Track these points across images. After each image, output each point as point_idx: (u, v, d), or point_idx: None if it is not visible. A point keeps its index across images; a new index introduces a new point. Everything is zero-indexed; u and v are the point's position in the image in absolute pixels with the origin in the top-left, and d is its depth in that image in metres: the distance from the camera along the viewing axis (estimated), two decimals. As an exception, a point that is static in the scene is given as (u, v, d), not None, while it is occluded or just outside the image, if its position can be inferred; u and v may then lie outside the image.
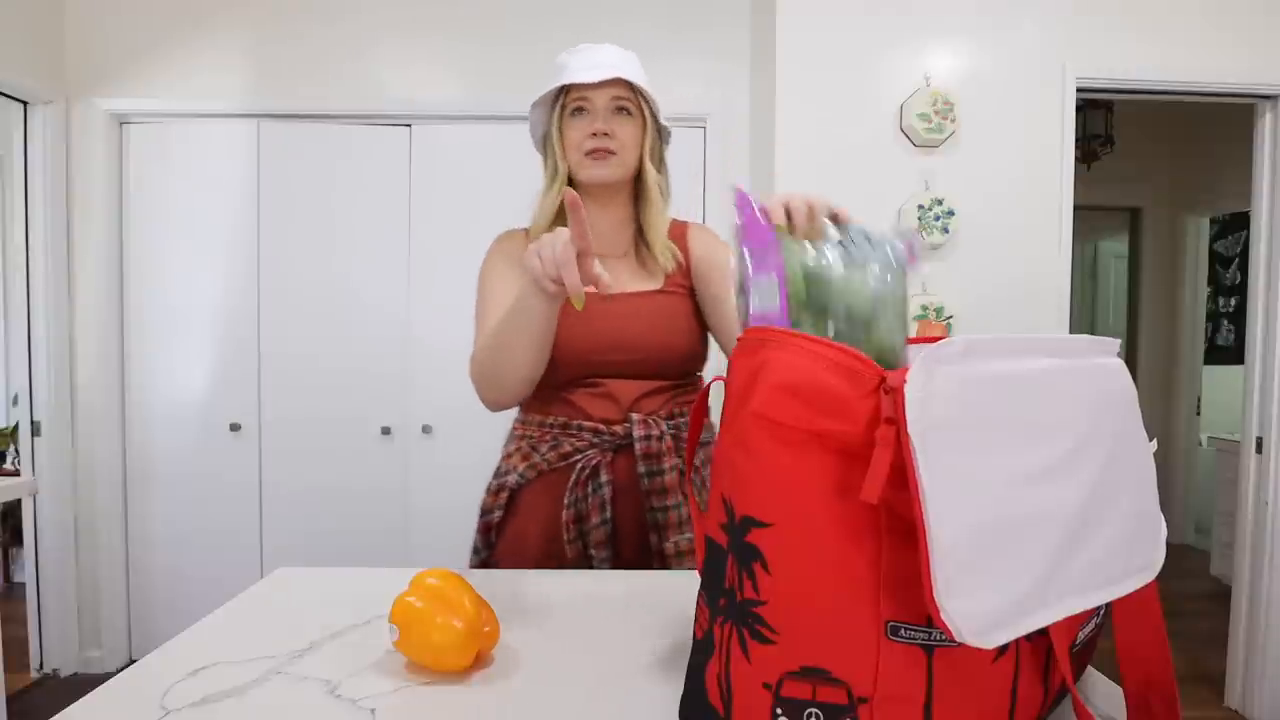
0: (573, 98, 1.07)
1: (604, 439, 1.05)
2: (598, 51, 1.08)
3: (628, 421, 1.05)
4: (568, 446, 1.06)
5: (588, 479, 1.04)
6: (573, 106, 1.07)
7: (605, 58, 1.07)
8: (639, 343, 1.06)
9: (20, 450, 2.69)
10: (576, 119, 1.07)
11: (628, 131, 1.08)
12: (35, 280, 2.52)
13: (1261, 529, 2.43)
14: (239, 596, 0.84)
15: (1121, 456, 0.50)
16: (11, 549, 3.52)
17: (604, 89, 1.06)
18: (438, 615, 0.63)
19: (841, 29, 2.25)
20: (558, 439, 1.07)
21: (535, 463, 1.07)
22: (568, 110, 1.08)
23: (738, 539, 0.48)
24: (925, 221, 2.22)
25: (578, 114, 1.07)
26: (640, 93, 1.08)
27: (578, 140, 1.07)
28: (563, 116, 1.08)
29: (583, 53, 1.08)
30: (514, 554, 1.07)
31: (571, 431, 1.06)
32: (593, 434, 1.05)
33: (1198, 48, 2.33)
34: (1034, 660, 0.48)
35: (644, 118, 1.09)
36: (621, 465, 1.05)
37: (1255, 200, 2.50)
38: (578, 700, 0.60)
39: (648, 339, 1.06)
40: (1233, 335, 4.35)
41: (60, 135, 2.54)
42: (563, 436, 1.07)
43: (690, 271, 1.13)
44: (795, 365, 0.47)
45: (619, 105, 1.07)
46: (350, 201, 2.61)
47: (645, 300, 1.09)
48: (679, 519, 1.03)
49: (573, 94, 1.07)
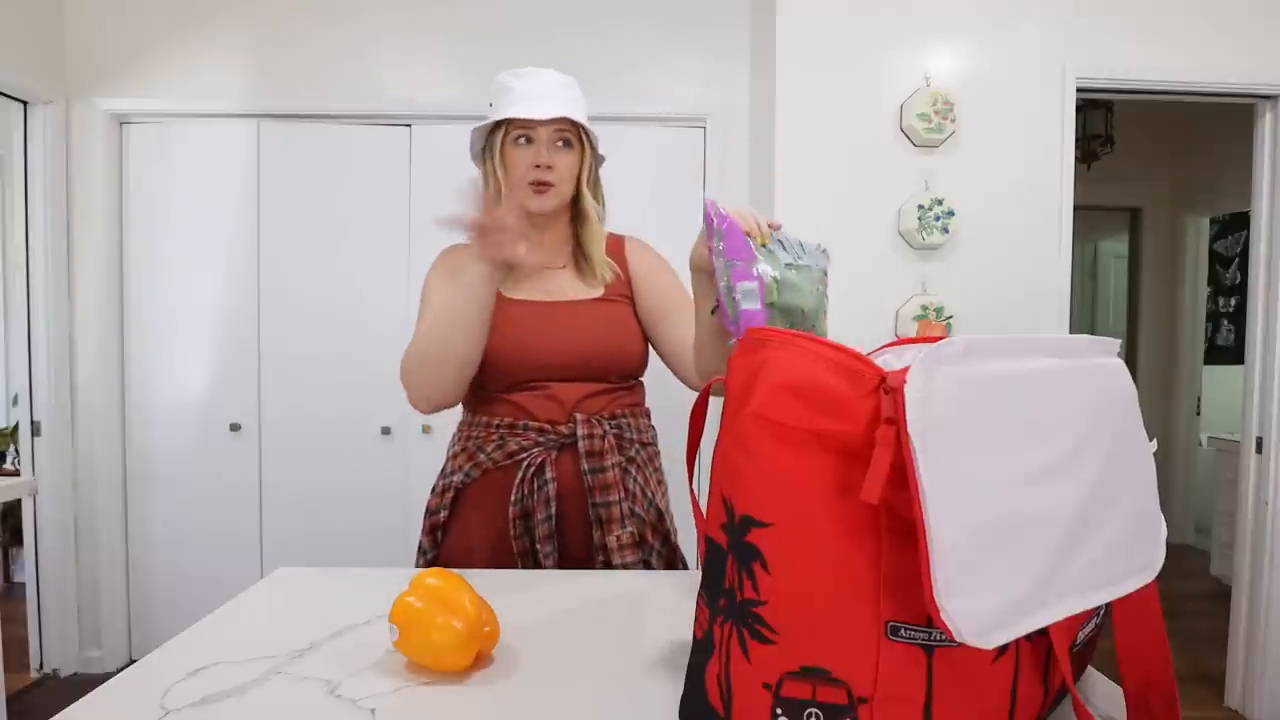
0: (516, 126, 1.11)
1: (549, 438, 1.09)
2: (542, 79, 1.12)
3: (571, 421, 1.09)
4: (513, 445, 1.09)
5: (533, 476, 1.07)
6: (516, 134, 1.11)
7: (550, 88, 1.11)
8: (583, 347, 1.11)
9: (20, 450, 2.69)
10: (519, 147, 1.11)
11: (567, 163, 1.13)
12: (35, 280, 2.52)
13: (1261, 529, 2.43)
14: (239, 596, 0.84)
15: (1121, 456, 0.50)
16: (11, 549, 3.52)
17: (549, 123, 1.10)
18: (438, 615, 0.63)
19: (841, 29, 2.25)
20: (504, 438, 1.10)
21: (480, 461, 1.10)
22: (510, 136, 1.11)
23: (738, 539, 0.48)
24: (925, 221, 2.22)
25: (521, 142, 1.11)
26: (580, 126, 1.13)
27: (520, 168, 1.11)
28: (504, 142, 1.12)
29: (527, 78, 1.12)
30: (461, 552, 1.10)
31: (518, 431, 1.10)
32: (538, 433, 1.09)
33: (1198, 48, 2.33)
34: (1034, 660, 0.48)
35: (583, 148, 1.14)
36: (565, 463, 1.09)
37: (1255, 200, 2.49)
38: (577, 700, 0.60)
39: (592, 344, 1.11)
40: (1233, 335, 4.35)
41: (60, 135, 2.53)
42: (509, 436, 1.10)
43: (631, 284, 1.19)
44: (795, 365, 0.47)
45: (561, 138, 1.12)
46: (350, 201, 2.61)
47: (588, 307, 1.15)
48: (620, 514, 1.07)
49: (516, 123, 1.11)
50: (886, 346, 0.62)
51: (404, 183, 2.60)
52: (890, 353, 0.60)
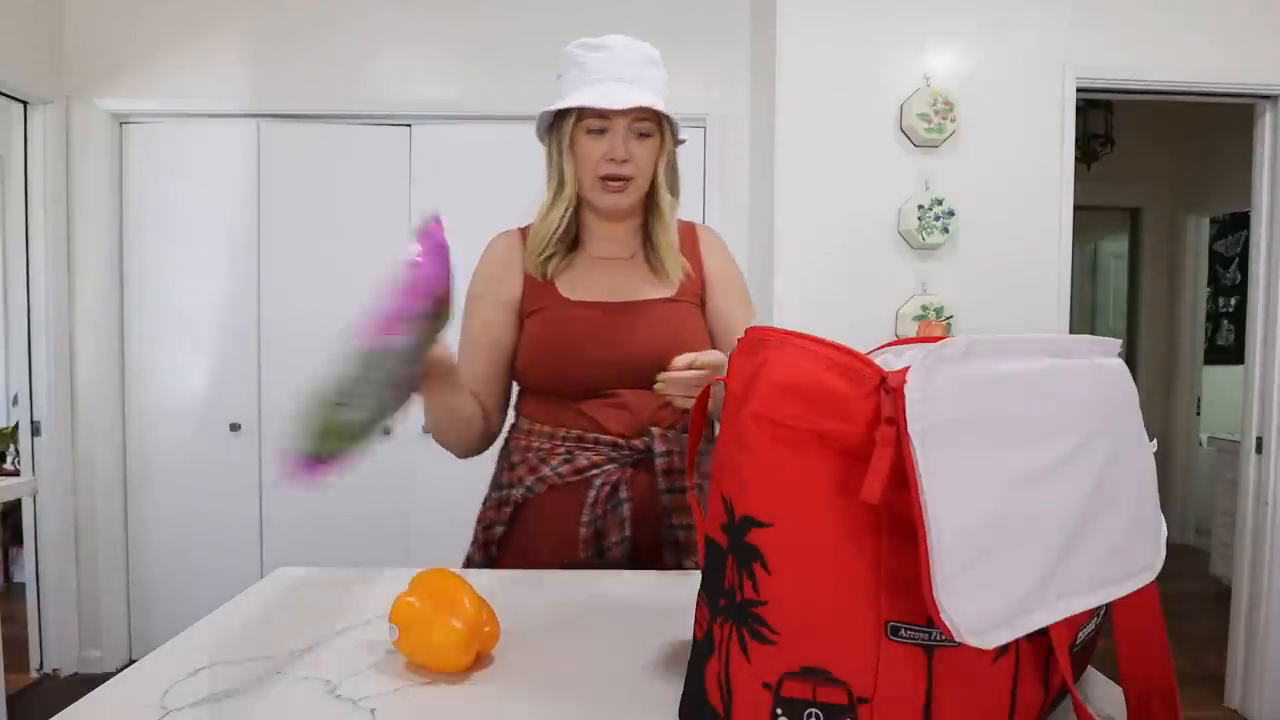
0: (590, 115, 0.98)
1: (622, 454, 1.01)
2: (622, 54, 0.99)
3: (646, 436, 1.01)
4: (583, 461, 1.01)
5: (608, 496, 0.99)
6: (589, 123, 0.99)
7: (631, 66, 0.99)
8: (657, 350, 0.96)
9: (20, 450, 2.69)
10: (591, 137, 1.00)
11: (645, 154, 1.01)
12: (35, 280, 2.52)
13: (1261, 529, 2.43)
14: (239, 596, 0.84)
15: (1122, 457, 0.50)
16: (11, 549, 3.52)
17: (627, 112, 0.98)
18: (438, 615, 0.63)
19: (841, 29, 2.25)
20: (571, 452, 1.02)
21: (545, 476, 1.02)
22: (581, 124, 0.99)
23: (738, 539, 0.48)
24: (925, 221, 2.22)
25: (594, 132, 0.99)
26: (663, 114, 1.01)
27: (592, 161, 1.00)
28: (575, 130, 1.00)
29: (604, 51, 0.98)
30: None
31: (587, 445, 1.01)
32: (610, 448, 1.01)
33: (1198, 48, 2.33)
34: (1034, 660, 0.48)
35: (663, 137, 1.03)
36: (640, 481, 1.01)
37: (1255, 200, 2.49)
38: (578, 700, 0.60)
39: (665, 347, 0.96)
40: (1233, 335, 4.35)
41: (60, 135, 2.53)
42: (577, 450, 1.01)
43: (705, 285, 1.09)
44: (795, 365, 0.47)
45: (640, 132, 1.00)
46: (350, 202, 2.61)
47: (659, 309, 1.04)
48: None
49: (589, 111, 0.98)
50: (886, 346, 0.62)
51: (404, 183, 2.60)
52: (890, 353, 0.60)
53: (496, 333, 1.07)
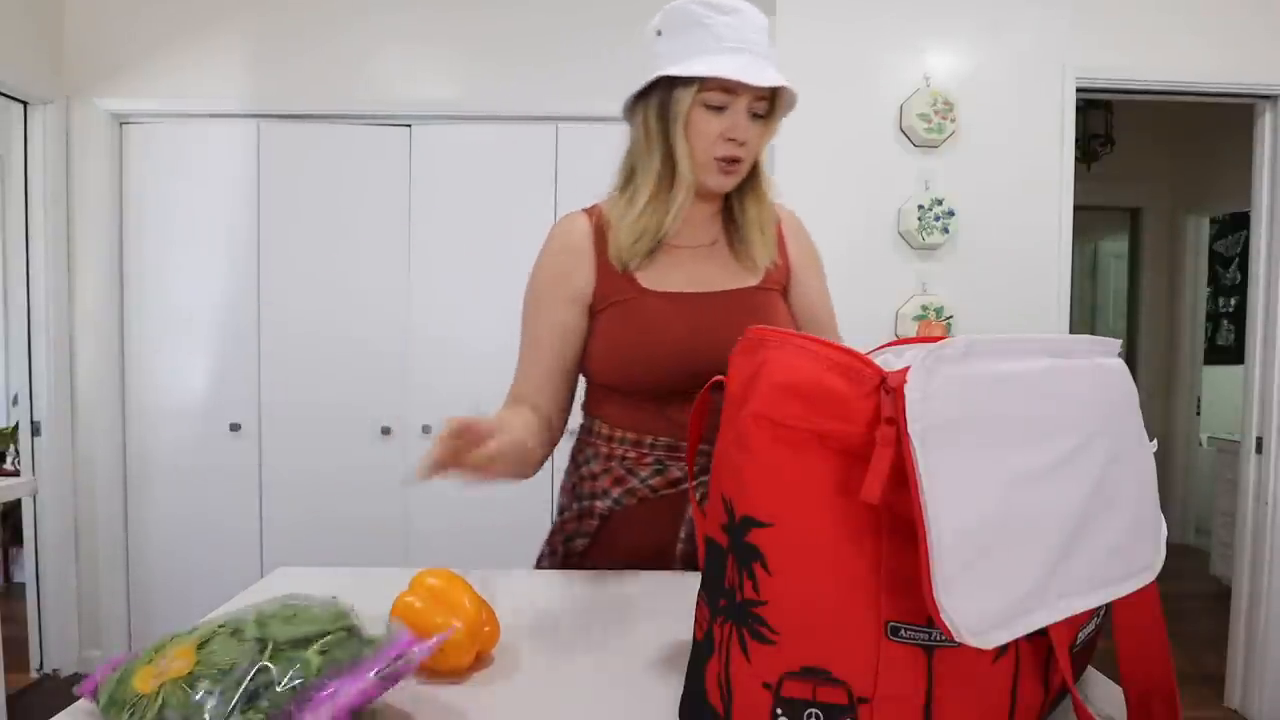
0: (715, 87, 0.88)
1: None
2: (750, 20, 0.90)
3: None
4: (677, 472, 0.93)
5: None
6: (709, 101, 0.89)
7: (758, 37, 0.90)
8: None
9: (20, 450, 2.69)
10: (710, 114, 0.90)
11: (758, 137, 0.94)
12: (35, 280, 2.52)
13: (1261, 529, 2.43)
14: (239, 596, 0.84)
15: (1122, 457, 0.50)
16: (11, 549, 3.52)
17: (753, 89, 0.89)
18: (438, 615, 0.63)
19: (841, 29, 2.25)
20: (663, 462, 0.94)
21: (634, 488, 0.94)
22: (701, 98, 0.89)
23: (738, 539, 0.48)
24: (925, 221, 2.22)
25: (713, 110, 0.90)
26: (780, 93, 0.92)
27: (708, 139, 0.91)
28: (693, 104, 0.90)
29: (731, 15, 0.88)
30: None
31: (679, 454, 0.93)
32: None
33: (1197, 48, 2.33)
34: (1034, 660, 0.48)
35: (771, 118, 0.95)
36: None
37: (1255, 200, 2.49)
38: (578, 700, 0.60)
39: None
40: (1233, 335, 4.35)
41: (60, 135, 2.53)
42: (669, 460, 0.93)
43: (790, 274, 1.03)
44: (795, 365, 0.47)
45: (756, 112, 0.92)
46: (350, 201, 2.61)
47: (746, 298, 0.96)
48: None
49: (715, 82, 0.88)
50: (886, 346, 0.62)
51: (404, 183, 2.60)
52: (890, 352, 0.60)
53: (567, 332, 0.98)
